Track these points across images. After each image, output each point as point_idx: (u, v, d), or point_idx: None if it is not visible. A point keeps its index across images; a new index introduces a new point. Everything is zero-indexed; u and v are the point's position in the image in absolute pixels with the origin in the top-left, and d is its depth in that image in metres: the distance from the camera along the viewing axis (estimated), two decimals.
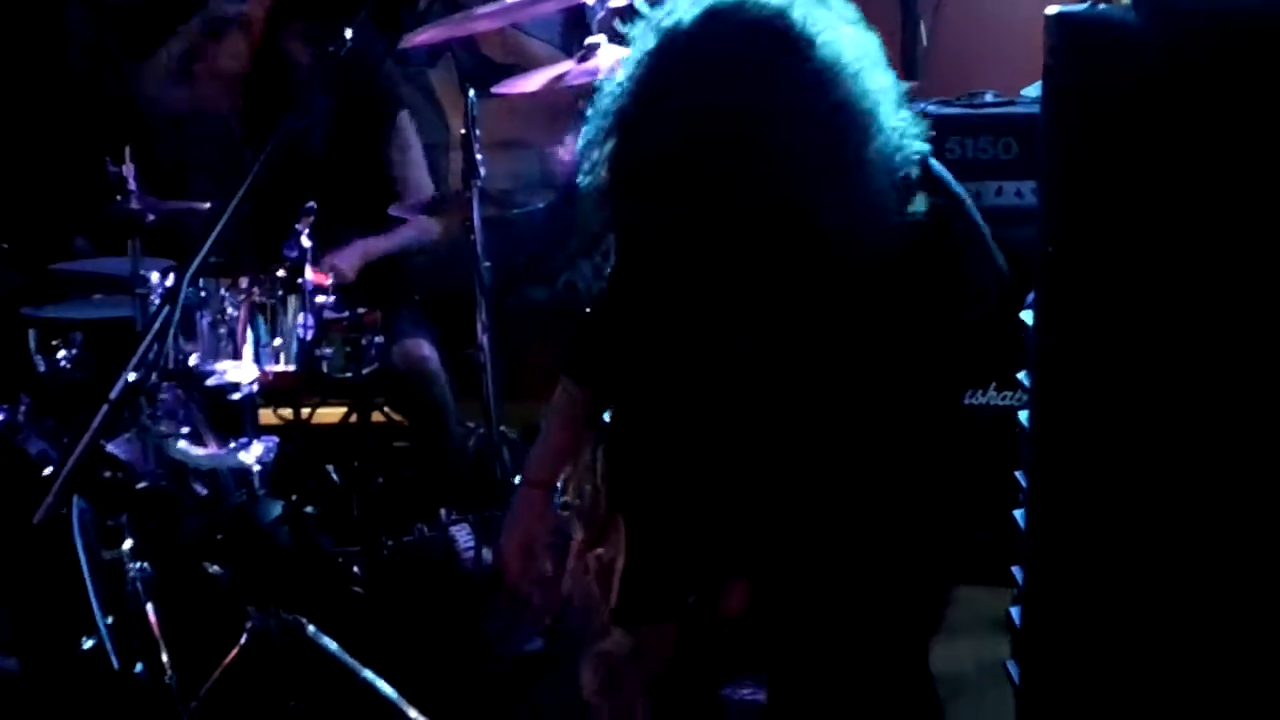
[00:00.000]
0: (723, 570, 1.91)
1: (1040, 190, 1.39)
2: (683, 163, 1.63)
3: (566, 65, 3.53)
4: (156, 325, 1.66)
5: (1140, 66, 1.18)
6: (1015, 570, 2.21)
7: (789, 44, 1.62)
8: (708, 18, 1.66)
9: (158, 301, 3.24)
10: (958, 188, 1.84)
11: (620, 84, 1.71)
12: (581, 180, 1.75)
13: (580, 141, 1.79)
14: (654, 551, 2.00)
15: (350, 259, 3.80)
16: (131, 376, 1.63)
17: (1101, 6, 1.21)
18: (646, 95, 1.67)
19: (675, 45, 1.67)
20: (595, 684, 2.00)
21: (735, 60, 1.62)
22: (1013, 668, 2.23)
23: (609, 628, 2.00)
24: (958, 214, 1.84)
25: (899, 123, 1.68)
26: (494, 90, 3.77)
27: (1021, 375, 2.14)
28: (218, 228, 1.80)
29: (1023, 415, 2.15)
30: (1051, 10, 1.26)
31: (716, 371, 1.91)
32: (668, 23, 1.70)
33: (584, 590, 2.08)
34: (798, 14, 1.64)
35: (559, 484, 2.15)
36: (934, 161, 1.78)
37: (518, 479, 2.23)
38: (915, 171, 1.71)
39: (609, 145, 1.71)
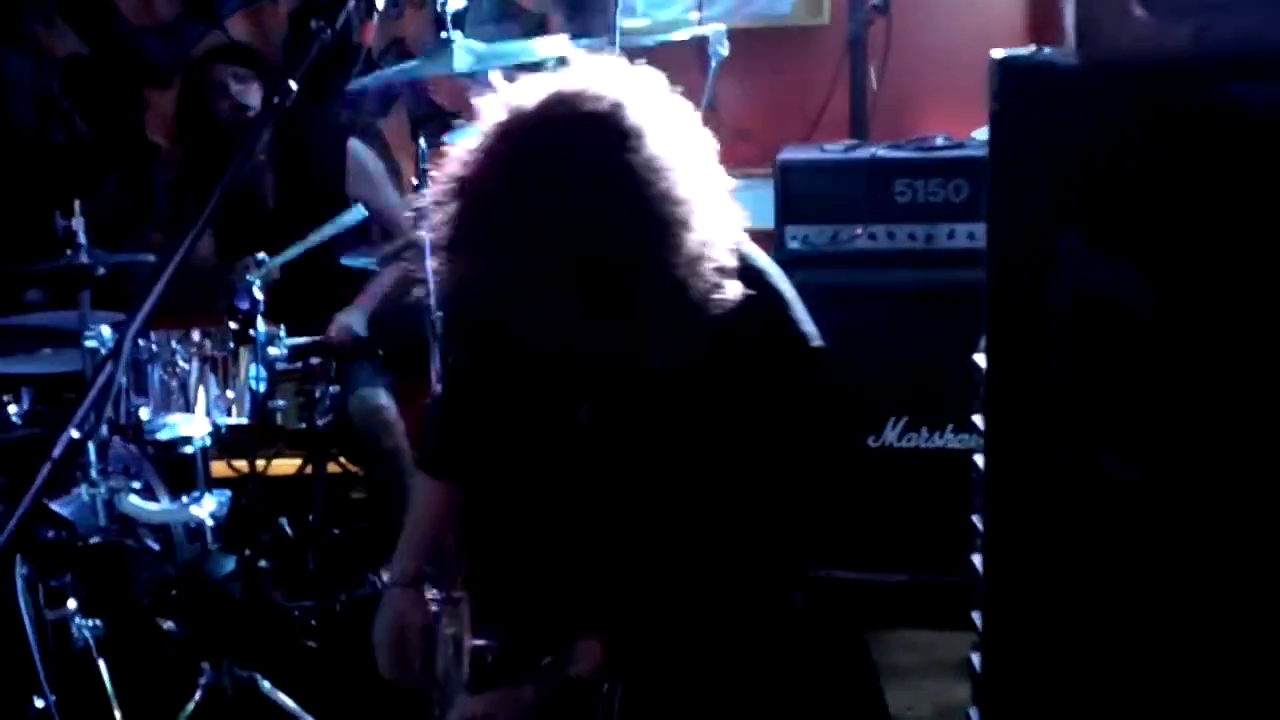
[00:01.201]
0: (574, 631, 1.98)
1: (987, 230, 1.40)
2: (513, 232, 1.74)
3: None
4: (100, 382, 1.63)
5: (1081, 110, 1.20)
6: (975, 615, 2.20)
7: (620, 135, 1.74)
8: (551, 102, 1.79)
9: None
10: (766, 265, 1.98)
11: (469, 153, 1.82)
12: (424, 236, 1.86)
13: (427, 200, 1.89)
14: (502, 617, 2.09)
15: (358, 320, 3.81)
16: (75, 434, 1.59)
17: (1046, 51, 1.22)
18: (488, 168, 1.79)
19: (518, 124, 1.79)
20: None
21: (567, 144, 1.75)
22: (974, 714, 2.22)
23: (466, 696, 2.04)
24: (767, 288, 1.95)
25: (715, 215, 1.81)
26: (445, 139, 3.77)
27: (977, 418, 2.15)
28: (160, 283, 1.77)
29: (978, 458, 2.15)
30: (996, 54, 1.26)
31: (559, 440, 2.03)
32: (516, 101, 1.82)
33: (446, 669, 2.15)
34: (632, 108, 1.77)
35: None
36: (747, 250, 1.93)
37: (385, 577, 2.28)
38: (731, 260, 1.83)
39: (452, 207, 1.81)
